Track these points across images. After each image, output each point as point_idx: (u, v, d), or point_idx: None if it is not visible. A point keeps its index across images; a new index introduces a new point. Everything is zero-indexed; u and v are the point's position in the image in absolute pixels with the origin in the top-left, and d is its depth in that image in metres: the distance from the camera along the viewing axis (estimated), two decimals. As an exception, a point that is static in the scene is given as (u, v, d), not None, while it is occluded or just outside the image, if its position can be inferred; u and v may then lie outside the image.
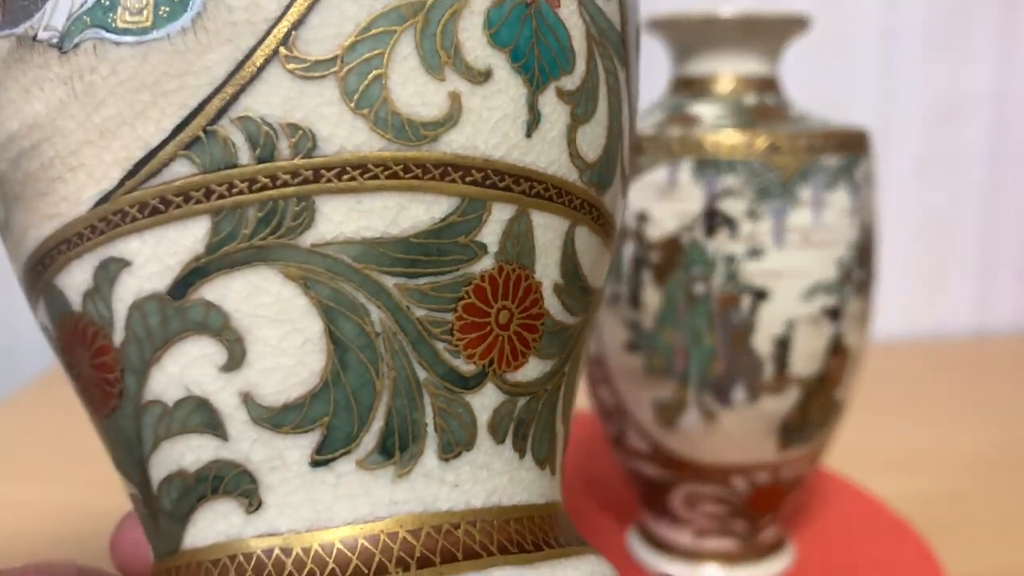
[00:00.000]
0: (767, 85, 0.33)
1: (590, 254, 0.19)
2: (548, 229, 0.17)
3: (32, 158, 0.16)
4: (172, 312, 0.16)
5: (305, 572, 0.16)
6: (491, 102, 0.16)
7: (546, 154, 0.17)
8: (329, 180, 0.15)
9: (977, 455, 0.49)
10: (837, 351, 0.33)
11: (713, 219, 0.31)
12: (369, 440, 0.16)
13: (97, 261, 0.16)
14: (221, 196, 0.15)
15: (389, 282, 0.16)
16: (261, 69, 0.14)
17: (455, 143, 0.16)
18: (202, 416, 0.16)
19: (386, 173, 0.15)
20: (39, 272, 0.17)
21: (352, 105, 0.15)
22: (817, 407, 0.33)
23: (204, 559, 0.16)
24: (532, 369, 0.18)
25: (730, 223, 0.31)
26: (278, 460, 0.16)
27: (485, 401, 0.17)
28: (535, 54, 0.16)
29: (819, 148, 0.31)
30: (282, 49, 0.14)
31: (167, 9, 0.14)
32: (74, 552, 0.36)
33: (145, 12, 0.15)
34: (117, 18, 0.15)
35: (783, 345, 0.31)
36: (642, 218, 0.32)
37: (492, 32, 0.16)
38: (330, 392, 0.16)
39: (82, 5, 0.15)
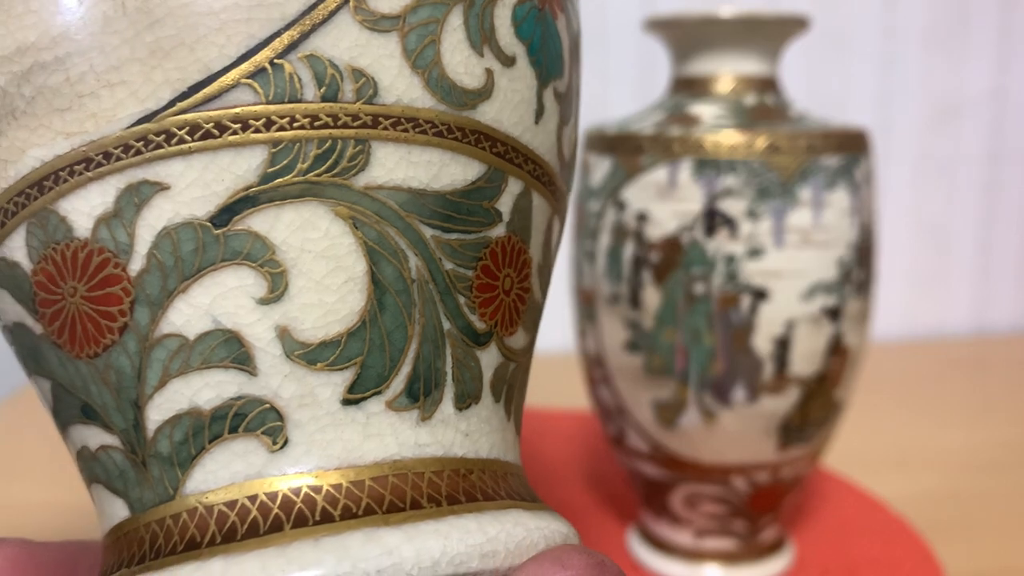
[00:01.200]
0: (767, 85, 0.33)
1: (556, 246, 0.21)
2: (540, 211, 0.19)
3: (54, 72, 0.15)
4: (211, 240, 0.15)
5: (339, 507, 0.16)
6: (515, 85, 0.17)
7: (545, 143, 0.18)
8: (385, 128, 0.16)
9: (977, 455, 0.49)
10: (837, 351, 0.33)
11: (713, 219, 0.31)
12: (398, 383, 0.17)
13: (124, 183, 0.15)
14: (282, 128, 0.15)
15: (428, 233, 0.16)
16: (333, 13, 0.15)
17: (487, 115, 0.17)
18: (229, 349, 0.16)
19: (433, 130, 0.16)
20: (29, 197, 0.16)
21: (411, 62, 0.16)
22: (817, 407, 0.33)
23: (215, 502, 0.16)
24: (520, 338, 0.19)
25: (730, 223, 0.31)
26: (309, 397, 0.16)
27: (490, 359, 0.18)
28: (543, 53, 0.18)
29: (819, 148, 0.31)
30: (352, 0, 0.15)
31: None
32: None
33: None
34: None
35: (783, 345, 0.31)
36: (642, 218, 0.32)
37: (517, 25, 0.17)
38: (367, 332, 0.16)
39: None
